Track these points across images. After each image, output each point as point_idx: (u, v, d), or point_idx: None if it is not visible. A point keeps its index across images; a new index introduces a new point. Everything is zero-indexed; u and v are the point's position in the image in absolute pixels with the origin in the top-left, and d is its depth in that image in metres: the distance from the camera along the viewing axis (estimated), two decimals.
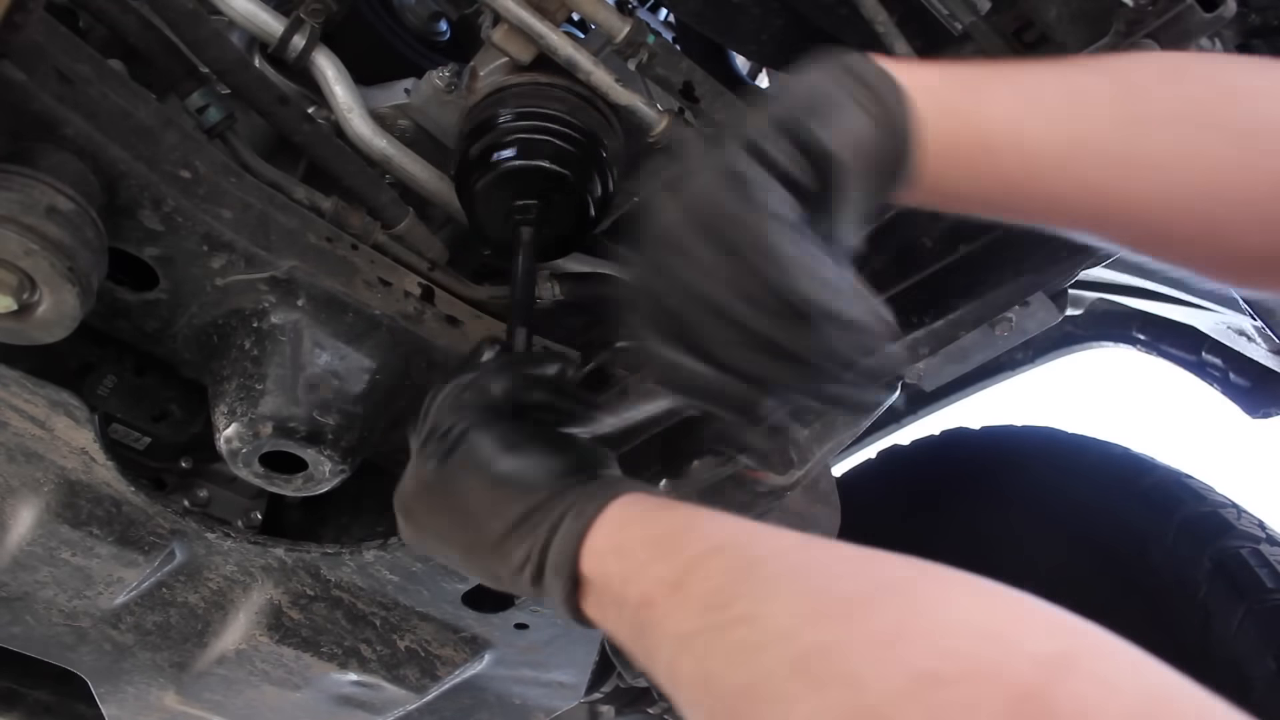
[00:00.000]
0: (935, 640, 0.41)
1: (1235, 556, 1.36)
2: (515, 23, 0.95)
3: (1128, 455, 1.61)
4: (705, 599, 0.52)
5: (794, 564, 0.51)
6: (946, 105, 0.63)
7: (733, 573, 0.52)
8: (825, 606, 0.46)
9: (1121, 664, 0.40)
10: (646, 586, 0.57)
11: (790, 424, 0.70)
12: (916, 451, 1.94)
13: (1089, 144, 0.63)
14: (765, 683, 0.45)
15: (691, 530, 0.59)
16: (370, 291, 0.98)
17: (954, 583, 0.46)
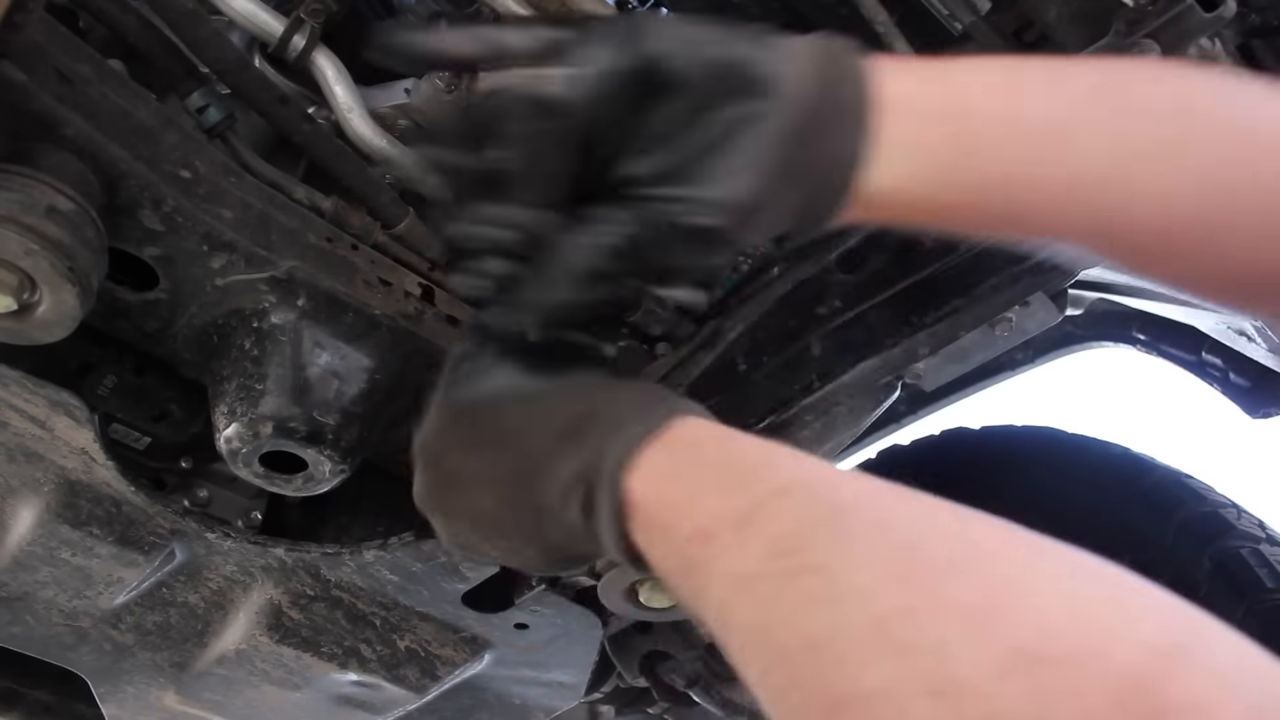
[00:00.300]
0: (1033, 615, 0.38)
1: (1235, 556, 1.36)
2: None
3: (1128, 455, 1.61)
4: (774, 541, 0.47)
5: (878, 517, 0.46)
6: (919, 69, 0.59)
7: (808, 516, 0.47)
8: (909, 567, 0.42)
9: (1238, 659, 0.37)
10: (703, 519, 0.52)
11: None
12: (916, 451, 1.93)
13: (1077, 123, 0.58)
14: (835, 641, 0.42)
15: (766, 463, 0.53)
16: (370, 291, 0.98)
17: (1049, 552, 0.42)
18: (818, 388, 0.97)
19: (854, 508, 0.47)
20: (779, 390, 0.99)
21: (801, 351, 0.98)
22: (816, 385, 0.97)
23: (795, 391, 0.98)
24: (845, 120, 0.57)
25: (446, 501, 0.67)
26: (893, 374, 0.96)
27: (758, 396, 1.01)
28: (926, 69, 0.60)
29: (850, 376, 0.96)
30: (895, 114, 0.57)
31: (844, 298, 0.96)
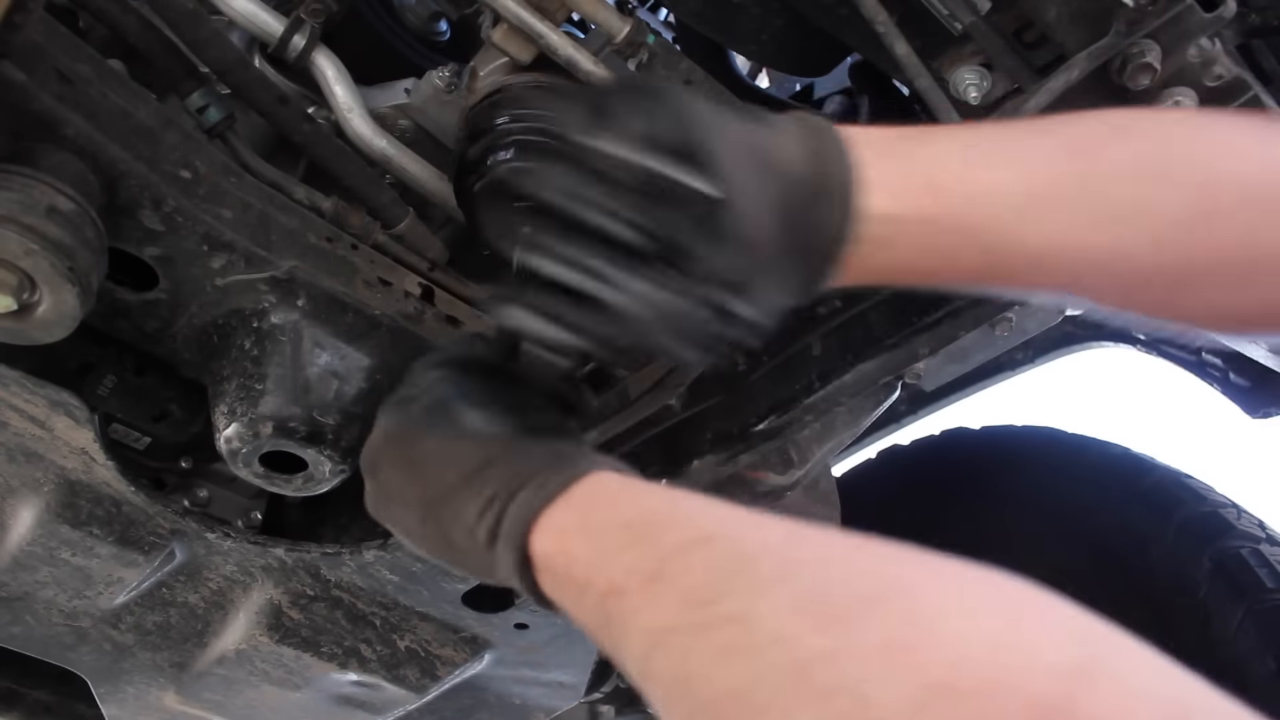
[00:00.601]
0: (946, 649, 0.39)
1: (1235, 556, 1.36)
2: (515, 23, 0.95)
3: (1128, 455, 1.61)
4: (687, 593, 0.48)
5: (788, 560, 0.47)
6: (887, 144, 0.61)
7: (720, 567, 0.48)
8: (824, 609, 0.43)
9: (1145, 673, 0.38)
10: (616, 574, 0.53)
11: None
12: (916, 451, 1.94)
13: (1043, 196, 0.61)
14: (758, 689, 0.42)
15: (672, 517, 0.55)
16: (370, 291, 0.98)
17: (961, 582, 0.44)
18: (818, 388, 0.97)
19: (762, 555, 0.48)
20: (779, 390, 0.99)
21: (801, 351, 0.98)
22: (816, 385, 0.97)
23: (795, 391, 0.98)
24: (834, 199, 0.59)
25: (381, 510, 0.71)
26: (893, 374, 0.96)
27: (758, 396, 1.01)
28: (899, 145, 0.62)
29: (850, 376, 0.96)
30: (872, 192, 0.60)
31: (844, 298, 0.96)
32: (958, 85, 0.91)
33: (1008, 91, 0.92)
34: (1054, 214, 0.61)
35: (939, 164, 0.61)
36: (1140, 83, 0.77)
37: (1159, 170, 0.62)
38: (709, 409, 1.05)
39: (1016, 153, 0.62)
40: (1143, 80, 0.77)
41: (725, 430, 1.03)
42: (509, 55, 0.98)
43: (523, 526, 0.59)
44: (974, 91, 0.91)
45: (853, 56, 1.44)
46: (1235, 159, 0.63)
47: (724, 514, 0.54)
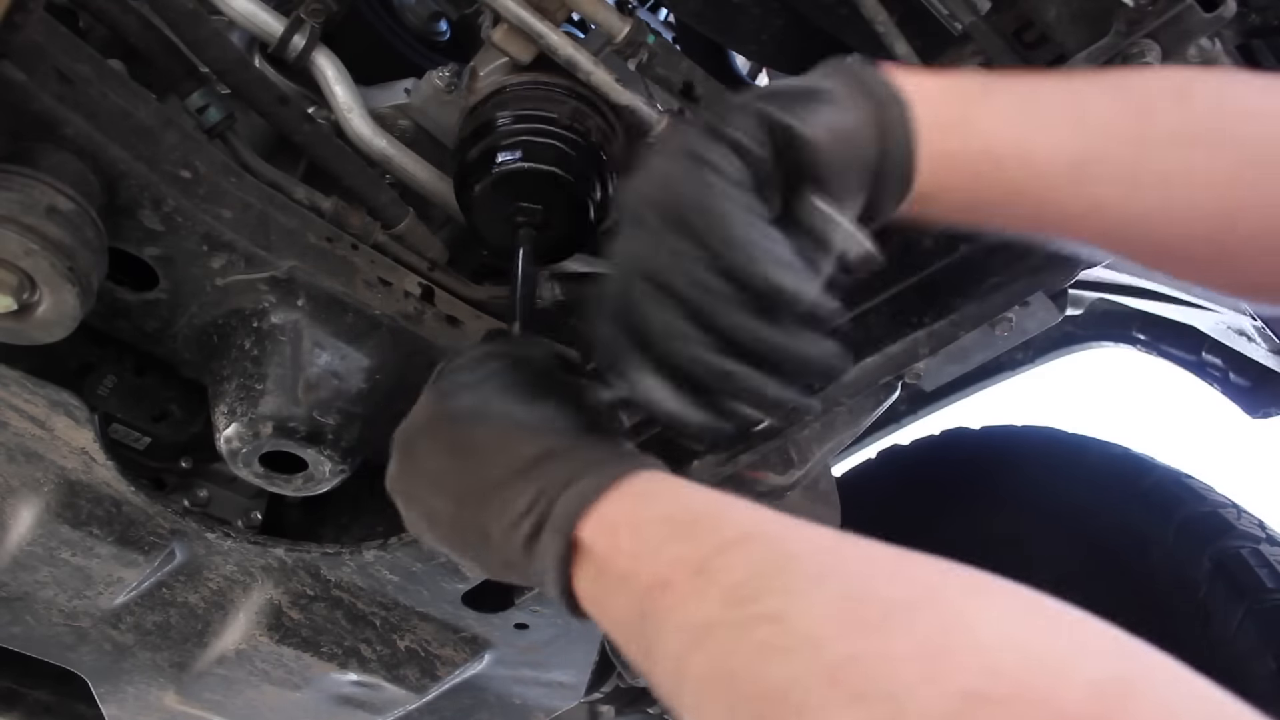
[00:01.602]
0: (980, 657, 0.39)
1: (1235, 556, 1.36)
2: (515, 23, 0.95)
3: (1128, 455, 1.61)
4: (731, 589, 0.49)
5: (829, 564, 0.48)
6: (947, 110, 0.63)
7: (763, 565, 0.49)
8: (861, 613, 0.44)
9: (1182, 693, 0.38)
10: (661, 567, 0.53)
11: None
12: (916, 451, 1.94)
13: (1095, 159, 0.62)
14: (794, 689, 0.42)
15: (719, 515, 0.55)
16: (370, 291, 0.98)
17: (998, 594, 0.44)
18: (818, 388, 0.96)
19: (804, 556, 0.49)
20: None
21: None
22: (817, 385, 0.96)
23: None
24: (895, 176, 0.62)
25: (411, 492, 0.70)
26: (893, 374, 0.96)
27: None
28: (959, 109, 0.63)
29: (850, 376, 0.96)
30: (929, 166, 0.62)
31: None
32: None
33: None
34: (1103, 177, 0.62)
35: (997, 132, 0.62)
36: None
37: (1211, 136, 0.62)
38: None
39: (1075, 114, 0.63)
40: None
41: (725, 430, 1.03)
42: (509, 55, 0.98)
43: (573, 516, 0.59)
44: None
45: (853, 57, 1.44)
46: None
47: (769, 515, 0.54)
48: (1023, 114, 0.63)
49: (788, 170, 0.60)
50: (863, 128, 0.61)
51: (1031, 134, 0.62)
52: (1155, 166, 0.62)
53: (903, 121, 0.61)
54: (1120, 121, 0.63)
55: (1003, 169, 0.62)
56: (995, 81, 0.65)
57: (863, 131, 0.61)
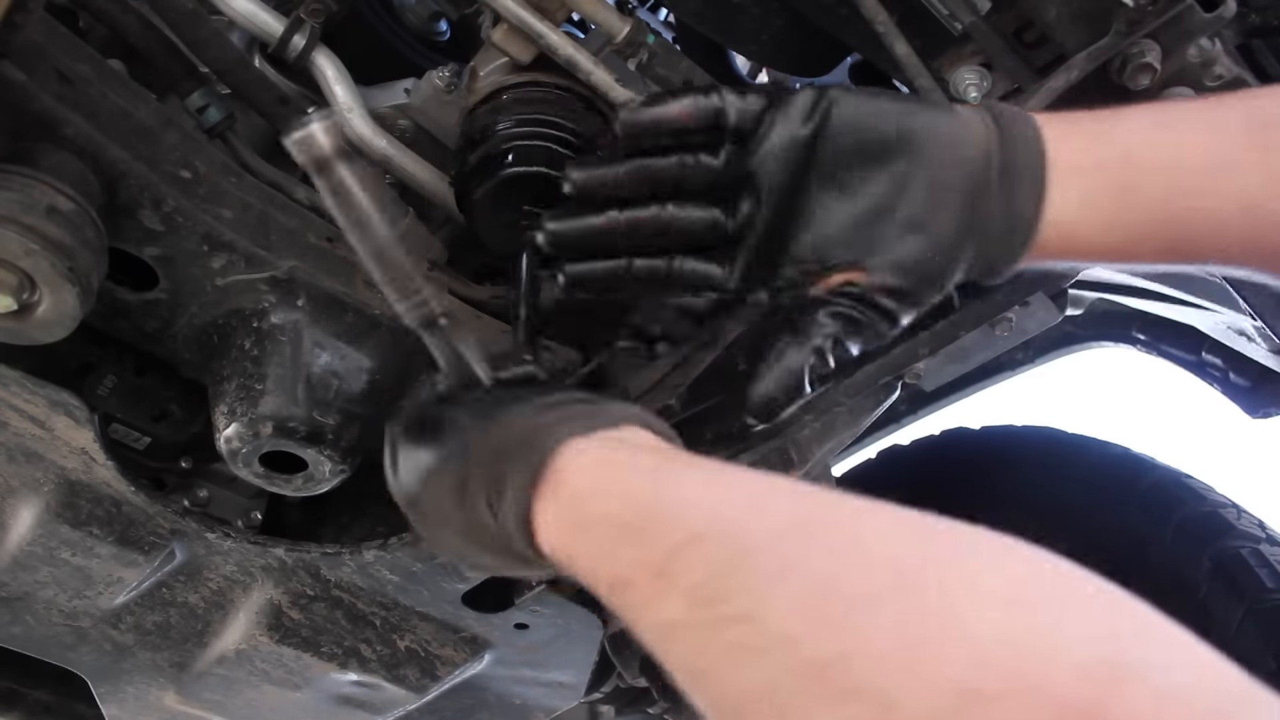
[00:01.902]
0: (966, 649, 0.38)
1: (1235, 556, 1.36)
2: (515, 23, 0.95)
3: (1127, 455, 1.61)
4: (691, 591, 0.47)
5: (791, 554, 0.46)
6: (1077, 125, 0.64)
7: (721, 564, 0.47)
8: (834, 605, 0.42)
9: (1179, 668, 0.37)
10: (620, 568, 0.53)
11: None
12: (916, 451, 1.94)
13: (1229, 163, 0.62)
14: (774, 691, 0.42)
15: (663, 511, 0.53)
16: (370, 291, 0.98)
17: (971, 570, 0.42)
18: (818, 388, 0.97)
19: (764, 548, 0.47)
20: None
21: None
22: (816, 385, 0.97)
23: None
24: (1024, 181, 0.62)
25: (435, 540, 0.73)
26: (893, 374, 0.96)
27: None
28: (1089, 124, 0.64)
29: (850, 376, 0.96)
30: (1063, 171, 0.62)
31: None
32: (958, 85, 0.92)
33: (1008, 91, 0.92)
34: (1237, 181, 0.62)
35: (1135, 138, 0.63)
36: (1140, 83, 0.77)
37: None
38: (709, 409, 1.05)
39: (1203, 123, 0.64)
40: (1143, 80, 0.77)
41: (725, 430, 1.03)
42: (509, 55, 0.98)
43: (525, 530, 0.60)
44: (974, 91, 0.91)
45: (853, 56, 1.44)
46: None
47: (720, 502, 0.52)
48: (1157, 123, 0.64)
49: None
50: (978, 131, 0.63)
51: (1171, 138, 0.63)
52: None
53: (1025, 125, 0.63)
54: (1244, 129, 0.63)
55: (1147, 174, 0.62)
56: (1129, 107, 0.67)
57: (977, 135, 0.63)
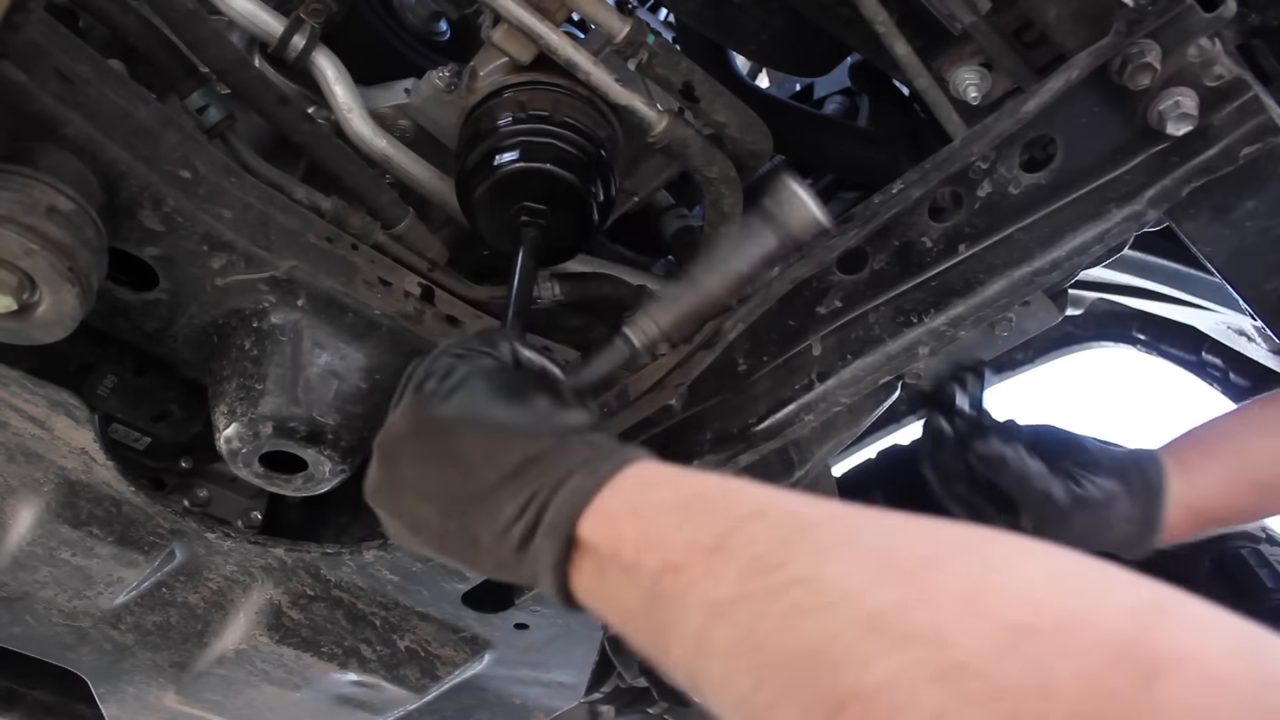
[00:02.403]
0: (1020, 592, 0.40)
1: (1235, 556, 1.37)
2: (515, 23, 0.95)
3: None
4: (751, 562, 0.48)
5: (850, 527, 0.48)
6: None
7: (781, 535, 0.49)
8: (892, 565, 0.44)
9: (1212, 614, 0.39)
10: (672, 552, 0.53)
11: None
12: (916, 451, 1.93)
13: None
14: (832, 644, 0.42)
15: (730, 495, 0.55)
16: (370, 291, 0.98)
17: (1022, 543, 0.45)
18: (817, 387, 0.96)
19: (822, 523, 0.49)
20: (779, 390, 0.99)
21: (801, 351, 0.98)
22: (816, 385, 0.96)
23: (795, 391, 0.98)
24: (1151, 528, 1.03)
25: (394, 502, 0.69)
26: (893, 374, 0.96)
27: (758, 396, 1.01)
28: None
29: (850, 376, 0.96)
30: None
31: (844, 298, 0.96)
32: (958, 85, 0.92)
33: (1008, 91, 0.92)
34: None
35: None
36: (1140, 83, 0.77)
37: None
38: (709, 409, 1.05)
39: None
40: (1143, 80, 0.77)
41: (725, 430, 1.03)
42: (509, 55, 0.98)
43: (571, 516, 0.59)
44: (974, 91, 0.91)
45: (853, 56, 1.44)
46: None
47: (779, 492, 0.54)
48: None
49: None
50: None
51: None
52: None
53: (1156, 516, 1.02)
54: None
55: None
56: None
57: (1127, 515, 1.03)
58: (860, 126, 1.49)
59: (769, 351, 1.00)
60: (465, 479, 0.64)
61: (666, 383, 1.02)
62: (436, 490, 0.66)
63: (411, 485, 0.68)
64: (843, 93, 1.61)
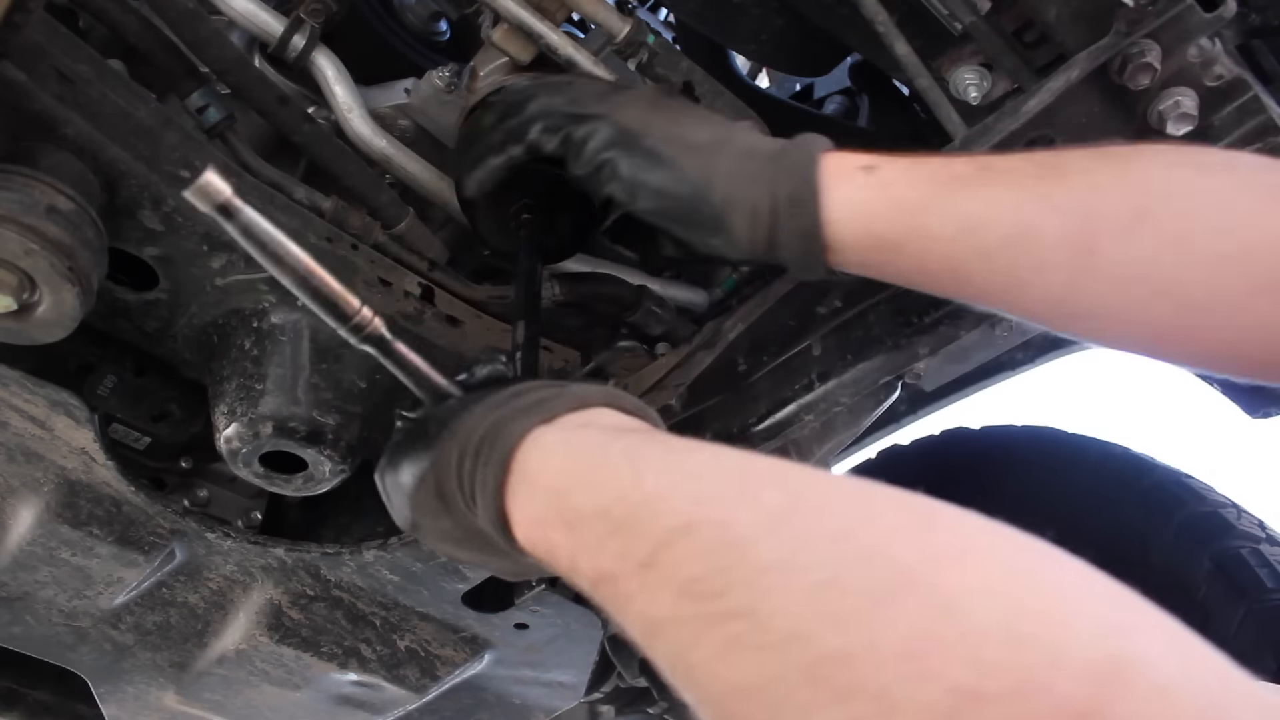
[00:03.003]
0: (969, 648, 0.38)
1: (1235, 556, 1.36)
2: (515, 22, 0.95)
3: (1128, 455, 1.61)
4: (684, 585, 0.46)
5: (788, 545, 0.45)
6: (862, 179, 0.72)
7: (716, 556, 0.46)
8: (837, 603, 0.41)
9: (1180, 663, 0.37)
10: (605, 562, 0.52)
11: None
12: (916, 451, 1.93)
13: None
14: (772, 686, 0.41)
15: (648, 499, 0.51)
16: (370, 291, 0.98)
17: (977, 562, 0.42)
18: (817, 387, 0.97)
19: (759, 538, 0.46)
20: (779, 390, 1.00)
21: (801, 351, 0.98)
22: (816, 385, 0.97)
23: (795, 391, 0.98)
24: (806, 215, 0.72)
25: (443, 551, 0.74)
26: (893, 374, 0.96)
27: (758, 396, 1.01)
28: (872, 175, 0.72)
29: (850, 376, 0.96)
30: (837, 218, 0.71)
31: (844, 298, 0.96)
32: (958, 85, 0.92)
33: (1008, 91, 0.92)
34: None
35: None
36: (1140, 83, 0.77)
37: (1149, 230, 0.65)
38: (709, 409, 1.05)
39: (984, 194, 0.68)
40: (1143, 80, 0.77)
41: (725, 430, 1.03)
42: (509, 55, 0.98)
43: (499, 525, 0.60)
44: (974, 91, 0.91)
45: (853, 56, 1.44)
46: None
47: (708, 488, 0.50)
48: None
49: None
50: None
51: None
52: None
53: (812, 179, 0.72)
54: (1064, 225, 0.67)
55: None
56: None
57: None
58: (860, 126, 1.49)
59: (769, 351, 1.00)
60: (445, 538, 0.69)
61: (666, 383, 1.02)
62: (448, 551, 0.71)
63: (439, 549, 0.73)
64: (843, 93, 1.61)
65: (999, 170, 0.67)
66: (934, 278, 0.71)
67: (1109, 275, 0.64)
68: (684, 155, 0.76)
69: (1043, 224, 0.65)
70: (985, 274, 0.68)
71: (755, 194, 0.73)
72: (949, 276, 0.70)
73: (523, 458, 0.59)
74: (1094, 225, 0.64)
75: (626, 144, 0.78)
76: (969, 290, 0.70)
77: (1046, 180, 0.66)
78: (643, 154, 0.78)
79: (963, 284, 0.70)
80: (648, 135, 0.78)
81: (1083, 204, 0.65)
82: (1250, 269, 0.61)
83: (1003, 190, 0.66)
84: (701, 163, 0.76)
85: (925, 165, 0.70)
